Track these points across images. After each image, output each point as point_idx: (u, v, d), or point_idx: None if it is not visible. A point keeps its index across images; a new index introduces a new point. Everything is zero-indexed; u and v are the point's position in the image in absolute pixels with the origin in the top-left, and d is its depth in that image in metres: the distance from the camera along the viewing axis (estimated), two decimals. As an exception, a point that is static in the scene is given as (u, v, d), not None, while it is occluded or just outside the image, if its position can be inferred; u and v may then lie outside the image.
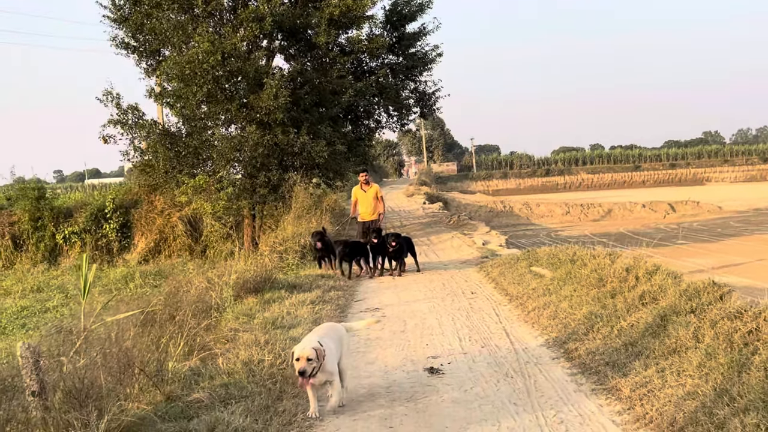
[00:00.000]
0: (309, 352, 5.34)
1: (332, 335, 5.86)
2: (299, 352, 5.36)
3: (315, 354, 5.36)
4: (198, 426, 4.83)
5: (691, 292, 7.04)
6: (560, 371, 6.40)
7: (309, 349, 5.37)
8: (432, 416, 5.37)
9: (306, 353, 5.33)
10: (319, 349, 5.39)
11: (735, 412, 4.55)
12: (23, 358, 5.23)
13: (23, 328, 14.69)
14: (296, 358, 5.36)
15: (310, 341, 5.49)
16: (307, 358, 5.31)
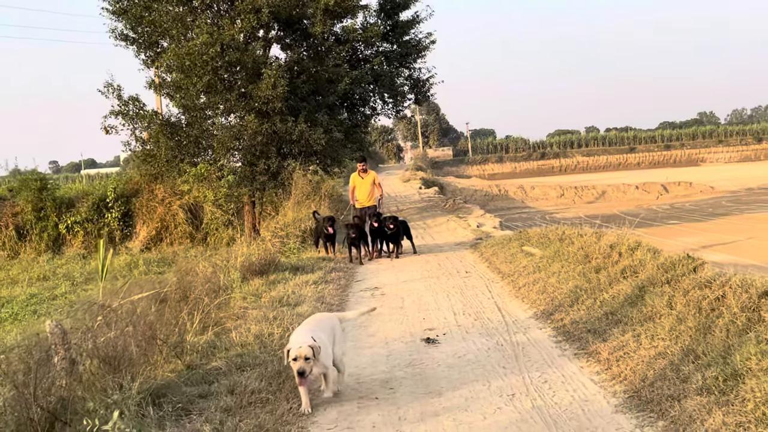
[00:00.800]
0: (306, 351, 5.21)
1: (324, 326, 5.75)
2: (296, 352, 5.23)
3: (312, 352, 5.23)
4: (218, 389, 5.39)
5: (667, 265, 7.60)
6: (546, 339, 6.96)
7: (306, 347, 5.23)
8: (428, 379, 5.94)
9: (303, 352, 5.20)
10: (315, 346, 5.27)
11: (698, 368, 5.11)
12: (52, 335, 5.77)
13: (35, 315, 15.22)
14: (293, 357, 5.23)
15: (303, 337, 5.35)
16: (305, 358, 5.19)
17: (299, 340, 5.32)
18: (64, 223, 26.98)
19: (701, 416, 4.43)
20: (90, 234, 26.99)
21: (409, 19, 22.55)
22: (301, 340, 5.31)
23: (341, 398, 5.59)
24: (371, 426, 4.95)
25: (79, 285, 19.26)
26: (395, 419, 5.05)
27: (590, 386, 5.47)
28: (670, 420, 4.56)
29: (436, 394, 5.52)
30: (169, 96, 20.36)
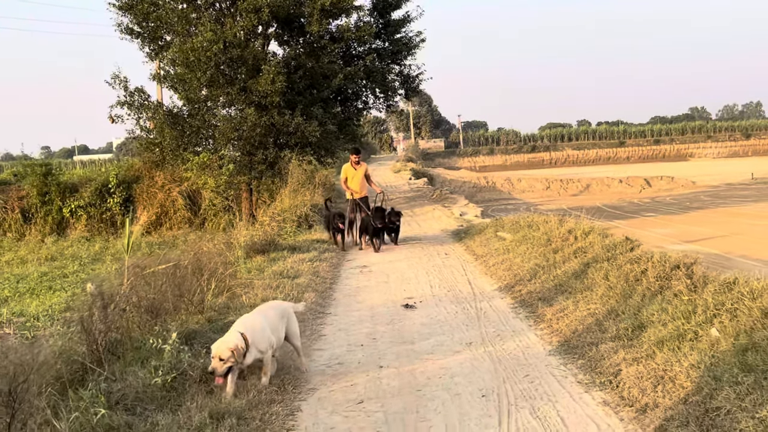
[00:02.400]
0: (222, 352, 5.20)
1: (273, 313, 5.92)
2: (213, 351, 5.26)
3: (230, 353, 5.20)
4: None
5: (609, 246, 9.01)
6: (505, 305, 8.34)
7: (223, 349, 5.21)
8: (404, 332, 7.31)
9: (219, 353, 5.20)
10: (237, 348, 5.24)
11: (615, 323, 6.49)
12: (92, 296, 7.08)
13: (50, 290, 16.47)
14: (212, 355, 5.27)
15: (230, 338, 5.34)
16: (219, 358, 5.18)
17: (223, 339, 5.35)
18: (68, 207, 28.19)
19: (609, 355, 5.80)
20: (93, 218, 28.23)
21: (400, 18, 23.82)
22: (225, 339, 5.34)
23: (333, 344, 6.96)
24: (357, 362, 6.32)
25: (87, 265, 20.47)
26: (376, 358, 6.42)
27: (533, 338, 6.85)
28: (588, 359, 5.93)
29: (409, 343, 6.89)
30: (173, 88, 21.58)
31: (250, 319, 5.68)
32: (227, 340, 5.29)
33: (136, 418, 4.58)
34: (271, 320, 5.80)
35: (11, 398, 3.88)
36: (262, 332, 5.51)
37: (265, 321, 5.69)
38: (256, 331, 5.47)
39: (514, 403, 5.10)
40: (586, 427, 4.61)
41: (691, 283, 6.58)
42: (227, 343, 5.24)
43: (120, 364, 5.59)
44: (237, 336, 5.31)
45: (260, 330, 5.51)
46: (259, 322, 5.62)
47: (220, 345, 5.24)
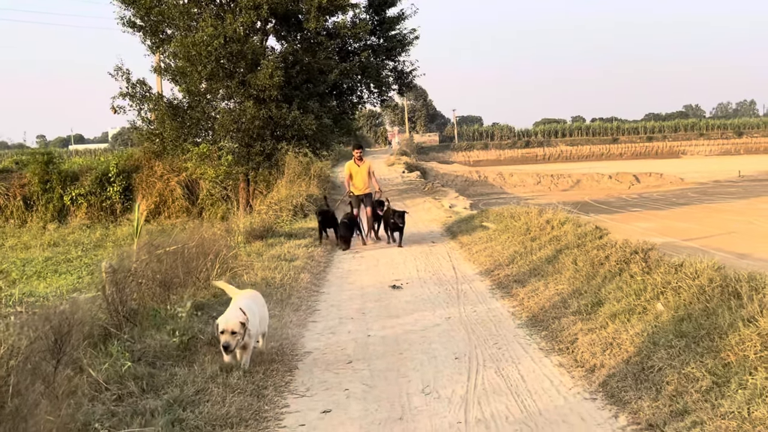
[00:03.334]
0: (234, 326, 5.33)
1: (257, 301, 6.15)
2: (223, 325, 5.35)
3: (241, 326, 5.35)
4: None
5: (581, 234, 9.81)
6: (483, 287, 9.13)
7: (235, 322, 5.35)
8: (390, 308, 8.11)
9: (230, 326, 5.33)
10: (246, 321, 5.41)
11: (578, 300, 7.29)
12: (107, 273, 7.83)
13: (56, 273, 17.22)
14: (221, 330, 5.35)
15: (237, 313, 5.47)
16: (231, 332, 5.31)
17: (228, 314, 5.48)
18: (68, 195, 28.95)
19: (569, 327, 6.60)
20: (93, 206, 29.02)
21: (395, 16, 24.55)
22: (232, 314, 5.46)
23: (326, 317, 7.76)
24: (347, 332, 7.12)
25: (89, 251, 21.20)
26: (364, 328, 7.22)
27: (505, 314, 7.64)
28: (550, 330, 6.73)
29: (394, 317, 7.69)
30: (174, 81, 22.29)
31: (244, 302, 5.81)
32: (236, 314, 5.41)
33: (156, 370, 5.35)
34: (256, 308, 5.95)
35: (57, 347, 4.64)
36: (253, 317, 5.64)
37: (255, 307, 5.87)
38: (251, 316, 5.60)
39: (482, 364, 5.89)
40: (542, 383, 5.40)
41: (646, 266, 7.39)
42: (237, 317, 5.37)
43: (138, 329, 6.35)
44: (239, 311, 5.46)
45: (252, 316, 5.63)
46: (248, 306, 5.73)
47: (230, 319, 5.35)
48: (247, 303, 5.81)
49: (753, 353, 4.77)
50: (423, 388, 5.39)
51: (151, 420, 4.37)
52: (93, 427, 4.08)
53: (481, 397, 5.15)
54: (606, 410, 4.78)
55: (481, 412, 4.86)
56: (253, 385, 5.24)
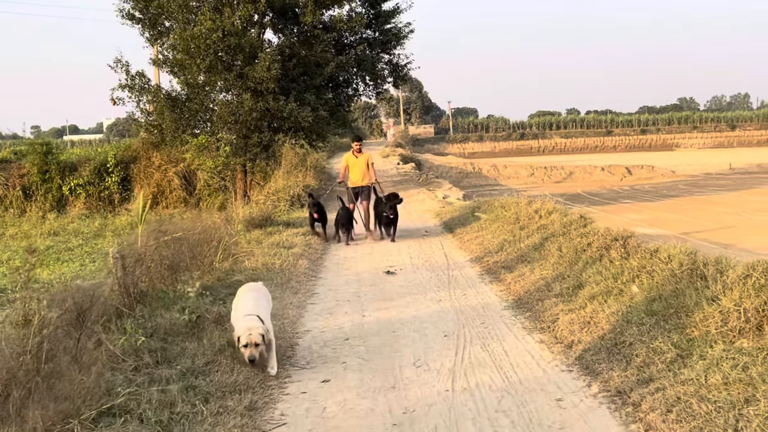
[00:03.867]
0: (257, 338, 5.32)
1: (265, 296, 6.21)
2: (246, 337, 5.32)
3: (261, 338, 5.35)
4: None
5: (567, 223, 10.28)
6: (473, 273, 9.60)
7: (256, 333, 5.32)
8: (385, 291, 8.58)
9: (254, 339, 5.31)
10: (266, 331, 5.43)
11: (560, 284, 7.76)
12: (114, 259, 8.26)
13: (59, 261, 17.62)
14: (244, 344, 5.32)
15: (253, 323, 5.42)
16: (255, 344, 5.32)
17: (249, 325, 5.38)
18: (67, 185, 29.30)
19: (551, 308, 7.07)
20: (91, 196, 29.40)
21: (390, 9, 24.90)
22: (251, 325, 5.38)
23: (324, 300, 8.22)
24: (344, 312, 7.59)
25: (90, 240, 21.60)
26: (360, 310, 7.68)
27: (493, 297, 8.11)
28: (534, 311, 7.20)
29: (388, 300, 8.15)
30: (173, 73, 22.64)
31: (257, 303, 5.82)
32: (255, 325, 5.35)
33: (168, 345, 5.80)
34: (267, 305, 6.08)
35: (79, 321, 5.08)
36: (268, 317, 5.74)
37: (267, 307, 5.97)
38: (266, 317, 5.67)
39: (469, 341, 6.36)
40: (524, 357, 5.87)
41: (625, 252, 7.87)
42: (257, 328, 5.33)
43: (148, 309, 6.80)
44: (257, 320, 5.44)
45: (267, 317, 5.72)
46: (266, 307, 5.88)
47: (252, 332, 5.30)
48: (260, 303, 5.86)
49: (714, 328, 5.25)
50: (414, 361, 5.86)
51: (167, 386, 4.82)
52: (115, 392, 4.53)
53: (467, 369, 5.62)
54: (580, 380, 5.25)
55: (467, 381, 5.33)
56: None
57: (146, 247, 7.97)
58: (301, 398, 5.11)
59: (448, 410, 4.78)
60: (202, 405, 4.61)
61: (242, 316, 5.55)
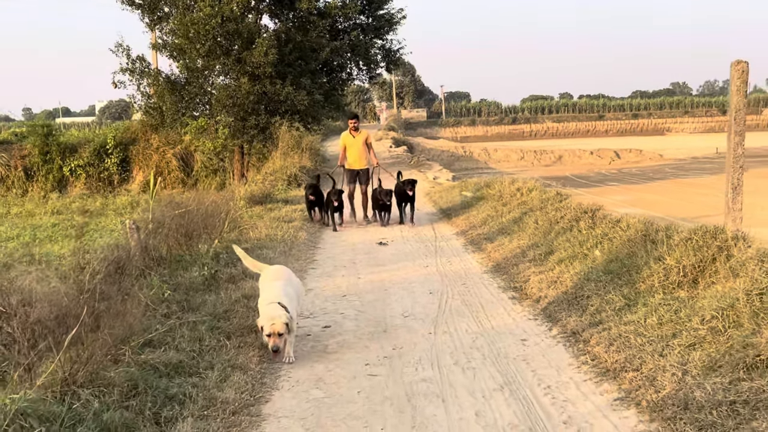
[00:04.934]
0: (281, 327, 5.22)
1: (291, 281, 5.98)
2: (270, 327, 5.21)
3: (285, 327, 5.25)
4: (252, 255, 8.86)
5: (545, 199, 11.22)
6: (458, 244, 10.53)
7: (280, 323, 5.21)
8: (377, 258, 9.51)
9: (277, 328, 5.21)
10: (289, 318, 5.30)
11: (534, 251, 8.69)
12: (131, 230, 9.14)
13: (66, 237, 18.45)
14: (267, 333, 5.22)
15: (277, 311, 5.30)
16: (278, 334, 5.21)
17: (273, 314, 5.27)
18: (68, 166, 30.13)
19: (524, 271, 8.00)
20: (91, 177, 30.26)
21: (383, -5, 25.68)
22: (275, 314, 5.27)
23: (323, 265, 9.14)
24: (341, 275, 8.52)
25: (93, 218, 22.44)
26: (355, 273, 8.62)
27: (474, 264, 9.05)
28: (509, 274, 8.13)
29: (381, 266, 9.08)
30: (172, 57, 23.38)
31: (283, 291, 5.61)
32: (278, 314, 5.25)
33: (190, 297, 6.71)
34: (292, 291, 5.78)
35: (118, 272, 5.98)
36: (293, 304, 5.56)
37: (291, 290, 5.73)
38: (290, 304, 5.49)
39: (451, 297, 7.29)
40: (497, 310, 6.80)
41: (592, 222, 8.82)
42: (281, 317, 5.22)
43: (168, 270, 7.70)
44: (280, 308, 5.32)
45: (291, 303, 5.52)
46: (290, 294, 5.64)
47: (275, 321, 5.21)
48: (285, 290, 5.64)
49: (657, 282, 6.19)
50: (402, 312, 6.79)
51: (195, 326, 5.74)
52: (155, 328, 5.44)
53: (447, 318, 6.56)
54: (543, 326, 6.19)
55: (447, 327, 6.27)
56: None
57: (164, 216, 8.86)
58: (306, 339, 6.04)
59: (431, 347, 5.72)
60: (226, 340, 5.53)
61: (266, 303, 5.44)
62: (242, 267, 7.68)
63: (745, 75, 6.97)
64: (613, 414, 4.30)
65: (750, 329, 4.65)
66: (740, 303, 4.96)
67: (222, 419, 4.30)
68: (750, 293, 5.01)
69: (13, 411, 3.56)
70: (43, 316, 4.42)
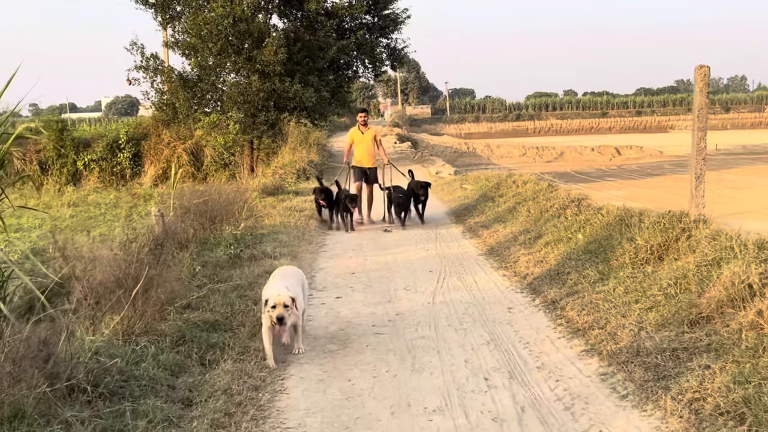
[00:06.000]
0: (285, 299, 5.23)
1: (296, 278, 5.87)
2: (275, 299, 5.22)
3: (291, 300, 5.27)
4: (267, 239, 9.77)
5: (537, 190, 12.10)
6: (457, 231, 11.43)
7: (285, 296, 5.25)
8: (382, 243, 10.43)
9: (282, 300, 5.22)
10: (293, 296, 5.32)
11: (524, 235, 9.58)
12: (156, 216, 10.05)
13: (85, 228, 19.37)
14: (272, 305, 5.23)
15: (282, 289, 5.36)
16: (284, 305, 5.21)
17: (278, 289, 5.34)
18: (81, 161, 31.10)
19: (515, 253, 8.89)
20: (104, 171, 31.24)
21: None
22: (280, 290, 5.33)
23: (333, 249, 10.04)
24: (350, 257, 9.43)
25: (109, 210, 23.37)
26: (362, 255, 9.53)
27: (471, 247, 9.94)
28: (502, 256, 9.02)
29: (386, 249, 9.99)
30: (185, 55, 24.28)
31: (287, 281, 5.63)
32: (283, 292, 5.31)
33: (217, 272, 7.61)
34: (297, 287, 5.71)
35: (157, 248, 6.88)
36: (298, 299, 5.48)
37: (296, 287, 5.66)
38: (297, 294, 5.50)
39: (449, 274, 8.19)
40: (488, 284, 7.69)
41: (578, 210, 9.70)
42: (288, 291, 5.32)
43: (195, 250, 8.60)
44: (283, 287, 5.38)
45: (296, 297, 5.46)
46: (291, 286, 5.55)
47: (281, 293, 5.27)
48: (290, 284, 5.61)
49: (628, 259, 7.07)
50: (405, 286, 7.70)
51: (225, 293, 6.65)
52: (192, 295, 6.35)
53: (445, 291, 7.45)
54: (528, 297, 7.08)
55: (443, 298, 7.17)
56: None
57: (190, 203, 9.78)
58: (321, 307, 6.94)
59: (429, 313, 6.61)
60: (253, 305, 6.43)
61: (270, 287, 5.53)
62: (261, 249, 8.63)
63: (707, 78, 7.84)
64: (579, 361, 5.19)
65: (696, 293, 5.53)
66: (691, 273, 5.86)
67: (255, 362, 5.22)
68: (699, 265, 5.91)
69: (92, 349, 4.47)
70: (104, 280, 5.32)
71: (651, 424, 4.09)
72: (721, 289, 5.25)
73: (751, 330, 4.76)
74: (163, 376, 4.58)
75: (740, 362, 4.42)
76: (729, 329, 4.90)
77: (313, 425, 4.30)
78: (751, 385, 4.11)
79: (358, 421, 4.33)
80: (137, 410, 4.06)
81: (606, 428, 4.10)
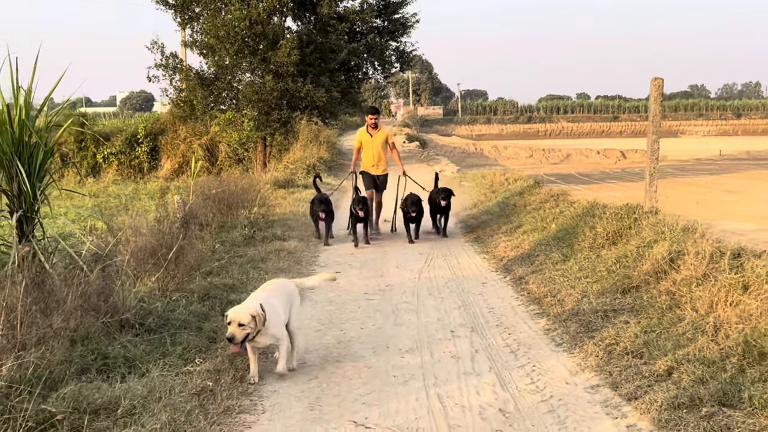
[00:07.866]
0: (242, 317, 4.86)
1: (280, 293, 5.42)
2: (231, 315, 4.90)
3: (251, 319, 4.86)
4: (279, 225, 10.94)
5: (525, 187, 13.25)
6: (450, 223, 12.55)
7: (244, 313, 4.89)
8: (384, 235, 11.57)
9: (239, 318, 4.86)
10: (258, 315, 4.91)
11: (507, 226, 10.72)
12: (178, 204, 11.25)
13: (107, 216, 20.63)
14: (228, 321, 4.91)
15: (250, 304, 5.03)
16: (238, 323, 4.84)
17: (242, 305, 5.07)
18: (101, 154, 32.47)
19: (496, 240, 10.07)
20: (123, 164, 32.60)
21: (398, 1, 27.69)
22: (244, 305, 5.05)
23: (336, 235, 11.20)
24: (350, 242, 10.58)
25: (129, 201, 24.61)
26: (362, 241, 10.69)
27: (459, 236, 11.08)
28: (485, 243, 10.20)
29: (380, 235, 11.13)
30: (203, 55, 25.55)
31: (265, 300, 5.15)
32: (247, 306, 5.02)
33: (234, 250, 8.81)
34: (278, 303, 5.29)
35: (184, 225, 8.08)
36: (277, 317, 5.13)
37: (276, 302, 5.25)
38: (271, 314, 5.06)
39: (436, 257, 9.36)
40: (469, 265, 8.85)
41: (555, 203, 10.85)
42: (248, 308, 4.96)
43: (214, 233, 9.80)
44: (257, 304, 5.01)
45: (275, 314, 5.11)
46: (270, 302, 5.15)
47: (239, 310, 4.97)
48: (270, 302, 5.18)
49: (587, 244, 8.21)
50: (396, 265, 8.88)
51: (242, 264, 7.85)
52: (212, 264, 7.55)
53: (431, 269, 8.63)
54: (500, 275, 8.24)
55: (428, 274, 8.34)
56: (295, 257, 8.73)
57: (210, 191, 10.98)
58: (322, 279, 8.12)
59: (414, 286, 7.79)
60: (265, 274, 7.62)
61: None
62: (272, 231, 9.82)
63: (661, 88, 8.99)
64: (530, 321, 6.34)
65: (632, 268, 6.68)
66: (631, 253, 7.00)
67: (266, 315, 6.40)
68: (639, 246, 7.05)
69: (139, 296, 5.67)
70: (144, 246, 6.53)
71: (574, 362, 5.24)
72: (649, 265, 6.41)
73: (666, 295, 5.92)
74: (193, 321, 5.76)
75: (651, 318, 5.58)
76: (650, 295, 6.06)
77: (312, 360, 5.47)
78: (654, 333, 5.27)
79: (346, 357, 5.50)
80: (175, 340, 5.27)
81: (539, 365, 5.25)
